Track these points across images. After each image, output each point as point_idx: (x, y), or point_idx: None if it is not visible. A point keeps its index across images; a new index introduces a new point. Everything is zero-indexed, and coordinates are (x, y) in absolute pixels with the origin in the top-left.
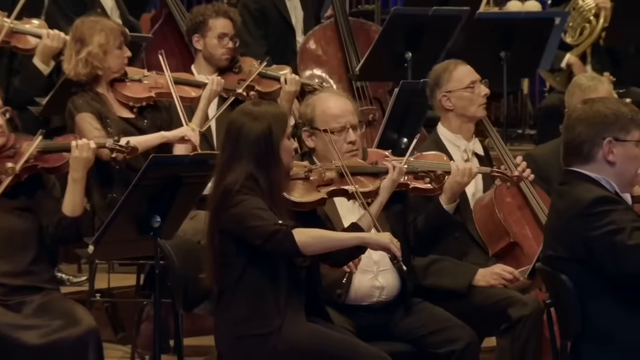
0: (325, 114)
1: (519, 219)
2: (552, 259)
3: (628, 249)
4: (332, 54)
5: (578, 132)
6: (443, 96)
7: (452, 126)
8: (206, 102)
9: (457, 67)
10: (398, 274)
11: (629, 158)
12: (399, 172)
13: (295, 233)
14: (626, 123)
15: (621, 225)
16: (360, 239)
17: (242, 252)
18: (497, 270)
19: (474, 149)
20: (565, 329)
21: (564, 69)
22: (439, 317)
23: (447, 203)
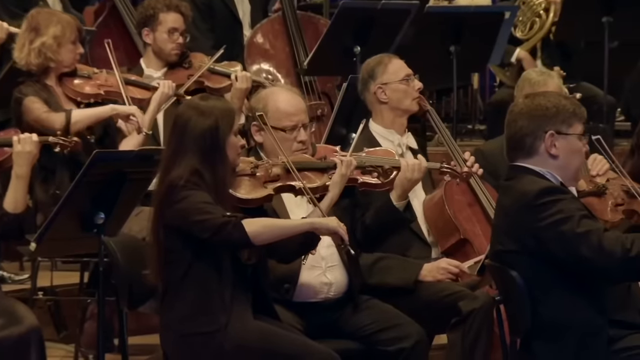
0: (278, 111)
1: (469, 215)
2: (501, 253)
3: (578, 237)
4: (279, 48)
5: (520, 126)
6: (378, 88)
7: (384, 120)
8: (156, 105)
9: (392, 60)
10: (346, 272)
11: (571, 151)
12: (347, 166)
13: (244, 223)
14: (568, 116)
15: (569, 213)
16: (309, 224)
17: (188, 248)
18: (443, 265)
19: (407, 143)
20: (515, 325)
21: (514, 64)
22: (388, 314)
23: (397, 200)
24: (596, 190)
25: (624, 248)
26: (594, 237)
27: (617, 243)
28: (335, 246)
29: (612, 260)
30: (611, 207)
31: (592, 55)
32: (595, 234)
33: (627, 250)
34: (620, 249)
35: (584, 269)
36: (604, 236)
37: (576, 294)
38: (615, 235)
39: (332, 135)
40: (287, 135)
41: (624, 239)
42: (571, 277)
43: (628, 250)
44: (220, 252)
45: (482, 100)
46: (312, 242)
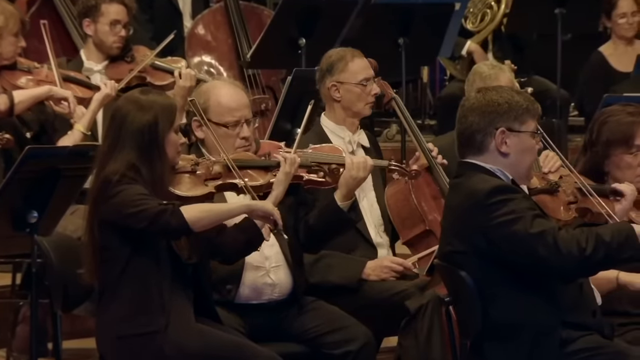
0: (220, 106)
1: (433, 208)
2: (450, 254)
3: (532, 237)
4: (222, 40)
5: (470, 122)
6: (332, 85)
7: (336, 117)
8: (97, 105)
9: (354, 59)
10: (291, 273)
11: (523, 149)
12: (291, 164)
13: (182, 210)
14: (520, 113)
15: (520, 213)
16: (246, 207)
17: (125, 244)
18: (386, 264)
19: (359, 141)
20: (466, 328)
21: (464, 57)
22: (334, 316)
23: (342, 200)
24: (548, 187)
25: (579, 247)
26: (549, 237)
27: (572, 242)
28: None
29: (568, 260)
30: (564, 205)
31: (544, 48)
32: (550, 234)
33: (582, 250)
34: (577, 248)
35: (538, 269)
36: (559, 235)
37: (527, 294)
38: (570, 234)
39: (276, 130)
40: (229, 132)
41: (578, 236)
42: (522, 278)
43: (584, 249)
44: (158, 249)
45: (432, 95)
46: (255, 240)
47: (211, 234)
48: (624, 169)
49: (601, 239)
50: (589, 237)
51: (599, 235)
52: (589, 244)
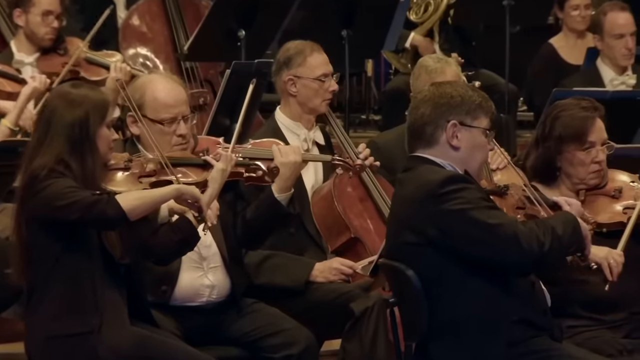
0: (156, 102)
1: (360, 211)
2: (397, 247)
3: (490, 228)
4: (158, 31)
5: (422, 113)
6: (289, 79)
7: (292, 112)
8: (25, 100)
9: (314, 53)
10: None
11: (474, 146)
12: (226, 161)
13: (117, 198)
14: (473, 108)
15: (477, 203)
16: (176, 190)
17: (54, 242)
18: (335, 265)
19: (314, 138)
20: (411, 329)
21: (408, 50)
22: (274, 318)
23: (279, 191)
24: (497, 189)
25: (539, 242)
26: (510, 230)
27: (532, 236)
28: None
29: (528, 254)
30: (512, 208)
31: (492, 40)
32: (511, 227)
33: (542, 244)
34: (537, 243)
35: (493, 261)
36: (519, 229)
37: (477, 290)
38: (528, 228)
39: (214, 125)
40: (165, 129)
41: (537, 231)
42: (472, 272)
43: (543, 244)
44: (90, 246)
45: (376, 89)
46: (191, 239)
47: (145, 233)
48: (576, 166)
49: (556, 233)
50: (545, 231)
51: (554, 229)
52: (547, 238)
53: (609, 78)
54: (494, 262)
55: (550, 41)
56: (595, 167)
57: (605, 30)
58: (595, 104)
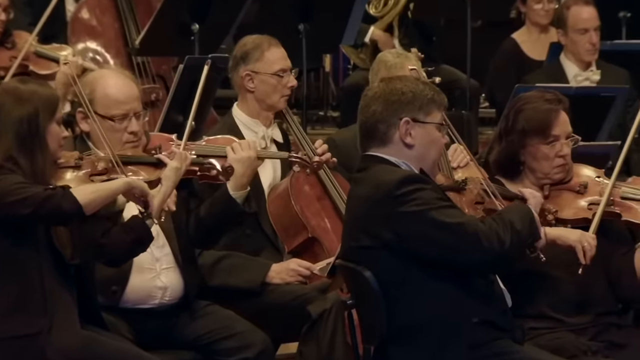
0: (107, 98)
1: (318, 211)
2: (354, 250)
3: (449, 227)
4: (108, 25)
5: (373, 112)
6: (246, 75)
7: (250, 109)
8: None
9: (271, 48)
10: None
11: (428, 141)
12: (180, 159)
13: (73, 192)
14: (426, 103)
15: (435, 203)
16: (127, 183)
17: (1, 240)
18: (292, 266)
19: (272, 135)
20: (370, 331)
21: (367, 44)
22: (229, 321)
23: (234, 189)
24: (455, 185)
25: (499, 240)
26: (470, 229)
27: (492, 234)
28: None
29: (489, 253)
30: (470, 204)
31: (453, 35)
32: (471, 226)
33: (502, 243)
34: (497, 242)
35: (453, 262)
36: (479, 228)
37: (437, 292)
38: (488, 225)
39: (167, 122)
40: (117, 125)
41: (497, 228)
42: (431, 274)
43: (504, 242)
44: (39, 245)
45: (334, 85)
46: (144, 240)
47: (96, 233)
48: (540, 160)
49: (515, 229)
50: (505, 228)
51: (512, 225)
52: (507, 236)
53: (573, 74)
54: (454, 262)
55: (512, 36)
56: (560, 161)
57: (569, 24)
58: (559, 97)
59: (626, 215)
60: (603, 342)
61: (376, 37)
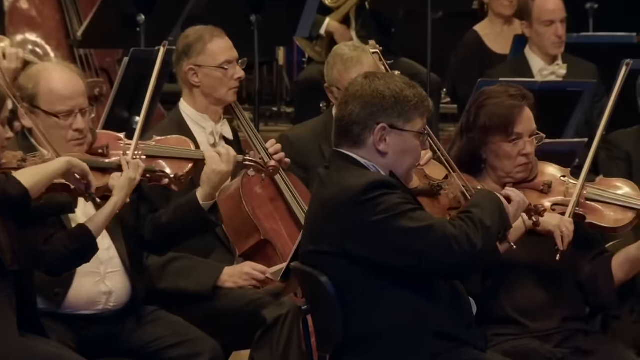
0: (52, 93)
1: (270, 212)
2: (313, 254)
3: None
4: (48, 16)
5: (350, 111)
6: (190, 69)
7: (197, 104)
8: None
9: (214, 39)
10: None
11: (404, 150)
12: (136, 169)
13: (16, 175)
14: (407, 110)
15: (402, 207)
16: (67, 162)
17: None
18: (246, 270)
19: (221, 132)
20: (325, 339)
21: (323, 36)
22: (177, 327)
23: (204, 198)
24: (429, 189)
25: (470, 242)
26: (439, 232)
27: (463, 237)
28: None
29: (460, 256)
30: (443, 210)
31: (413, 27)
32: (440, 228)
33: (474, 245)
34: (468, 244)
35: (423, 268)
36: (449, 230)
37: (398, 300)
38: (458, 227)
39: (111, 118)
40: (61, 122)
41: (467, 230)
42: (393, 281)
43: (475, 244)
44: None
45: (288, 79)
46: (88, 251)
47: (38, 239)
48: (502, 159)
49: (485, 226)
50: (475, 228)
51: (483, 223)
52: (478, 236)
53: (538, 68)
54: (425, 269)
55: (475, 28)
56: (522, 160)
57: (534, 16)
58: (523, 92)
59: (591, 217)
60: (569, 348)
61: (332, 29)
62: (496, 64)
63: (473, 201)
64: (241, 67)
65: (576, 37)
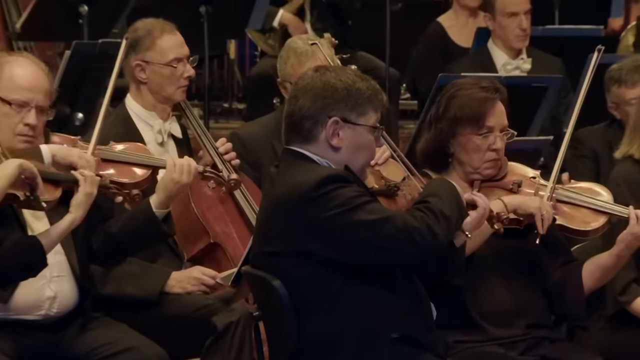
0: (11, 81)
1: (221, 214)
2: (265, 256)
3: (378, 225)
4: None
5: (300, 105)
6: (137, 65)
7: (144, 101)
8: None
9: (164, 35)
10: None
11: (358, 146)
12: (93, 184)
13: None
14: (360, 102)
15: (358, 200)
16: (19, 165)
17: None
18: (195, 274)
19: (170, 130)
20: (278, 346)
21: (277, 29)
22: (122, 334)
23: (159, 207)
24: (385, 189)
25: (431, 231)
26: (399, 224)
27: (423, 227)
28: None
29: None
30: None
31: (370, 18)
32: (400, 220)
33: (435, 235)
34: (429, 234)
35: (382, 262)
36: (408, 221)
37: (355, 304)
38: (418, 218)
39: None
40: (12, 112)
41: (427, 219)
42: (350, 284)
43: (436, 234)
44: None
45: (240, 74)
46: (37, 265)
47: None
48: (470, 152)
49: (445, 216)
50: (435, 219)
51: (443, 213)
52: (438, 226)
53: (502, 62)
54: (386, 262)
55: (438, 20)
56: (492, 155)
57: (497, 8)
58: (497, 86)
59: (561, 219)
60: (535, 356)
61: (286, 21)
62: (460, 58)
63: (429, 190)
64: (192, 65)
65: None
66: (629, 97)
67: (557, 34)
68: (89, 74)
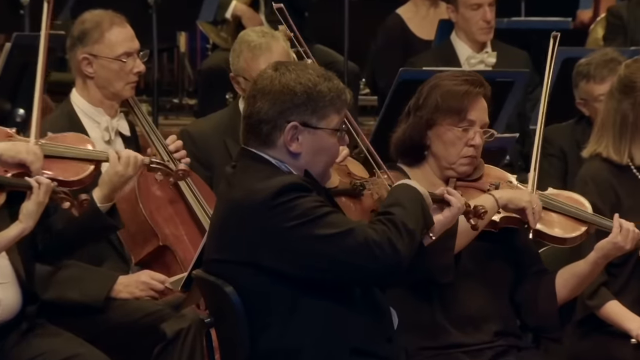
0: None
1: (170, 216)
2: (218, 263)
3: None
4: None
5: (258, 108)
6: (84, 58)
7: (91, 96)
8: None
9: (113, 27)
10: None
11: (319, 150)
12: (47, 192)
13: None
14: (322, 106)
15: (318, 211)
16: None
17: None
18: (144, 279)
19: (117, 127)
20: (231, 355)
21: (229, 21)
22: (64, 342)
23: (103, 200)
24: (350, 189)
25: (392, 247)
26: (359, 237)
27: (384, 241)
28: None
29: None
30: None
31: (328, 10)
32: (359, 234)
33: (396, 251)
34: (390, 249)
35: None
36: (369, 234)
37: (311, 314)
38: (379, 231)
39: None
40: None
41: (389, 233)
42: (306, 294)
43: (398, 250)
44: None
45: (191, 67)
46: None
47: None
48: (447, 145)
49: (408, 230)
50: (397, 233)
51: (405, 226)
52: (401, 242)
53: (466, 56)
54: (345, 277)
55: (397, 11)
56: (469, 151)
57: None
58: (482, 81)
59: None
60: None
61: (239, 13)
62: (421, 51)
63: (392, 198)
64: (142, 60)
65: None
66: (597, 93)
67: (523, 26)
68: (30, 68)
